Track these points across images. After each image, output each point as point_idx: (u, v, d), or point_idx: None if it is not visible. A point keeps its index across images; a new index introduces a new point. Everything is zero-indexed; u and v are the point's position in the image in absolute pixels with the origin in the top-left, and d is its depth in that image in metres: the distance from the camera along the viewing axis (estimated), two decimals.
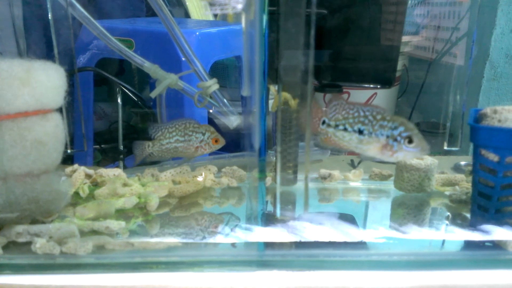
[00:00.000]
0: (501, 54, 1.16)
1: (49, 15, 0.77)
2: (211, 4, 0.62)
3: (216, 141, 0.77)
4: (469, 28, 0.84)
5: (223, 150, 0.93)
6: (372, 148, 0.65)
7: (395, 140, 0.63)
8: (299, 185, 0.84)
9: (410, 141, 0.62)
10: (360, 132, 0.65)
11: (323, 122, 0.67)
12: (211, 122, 0.90)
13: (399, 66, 1.12)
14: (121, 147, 0.93)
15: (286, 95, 0.74)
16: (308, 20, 0.63)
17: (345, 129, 0.65)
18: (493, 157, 0.68)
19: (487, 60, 1.17)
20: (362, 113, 0.65)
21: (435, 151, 0.86)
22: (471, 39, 0.84)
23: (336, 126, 0.66)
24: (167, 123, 0.78)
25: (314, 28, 0.63)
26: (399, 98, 1.18)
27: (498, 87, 1.17)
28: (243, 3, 0.63)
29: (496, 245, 0.68)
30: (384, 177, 0.89)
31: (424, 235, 0.72)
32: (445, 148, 0.86)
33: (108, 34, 0.82)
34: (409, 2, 0.73)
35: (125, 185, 0.79)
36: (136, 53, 0.86)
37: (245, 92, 0.86)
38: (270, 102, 0.79)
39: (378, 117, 0.63)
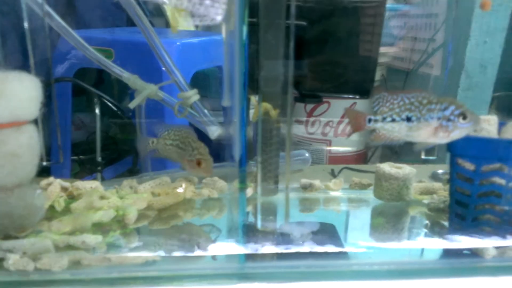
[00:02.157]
0: (476, 65, 1.19)
1: (25, 25, 0.76)
2: (191, 16, 0.62)
3: (199, 163, 0.75)
4: (445, 39, 0.86)
5: None
6: (424, 133, 0.64)
7: (449, 120, 0.63)
8: (280, 195, 0.83)
9: (464, 117, 0.63)
10: (409, 119, 0.64)
11: (369, 120, 0.67)
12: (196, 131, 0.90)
13: (378, 76, 1.14)
14: (99, 159, 0.92)
15: (266, 105, 0.74)
16: (288, 31, 0.64)
17: (393, 120, 0.65)
18: (469, 166, 0.70)
19: (462, 70, 1.20)
20: (407, 101, 0.64)
21: (413, 160, 0.87)
22: (446, 50, 0.86)
23: (384, 119, 0.65)
24: (173, 125, 0.78)
25: (293, 39, 0.64)
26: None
27: (473, 96, 1.20)
28: (223, 14, 0.63)
29: (474, 253, 0.69)
30: (363, 186, 0.90)
31: (403, 244, 0.73)
32: (423, 157, 0.87)
33: (85, 44, 0.81)
34: (386, 14, 0.75)
35: (102, 197, 0.77)
36: (116, 63, 0.85)
37: (225, 102, 0.86)
38: (251, 112, 0.79)
39: (424, 101, 0.63)
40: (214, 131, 0.88)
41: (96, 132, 0.91)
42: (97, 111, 0.94)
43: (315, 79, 0.81)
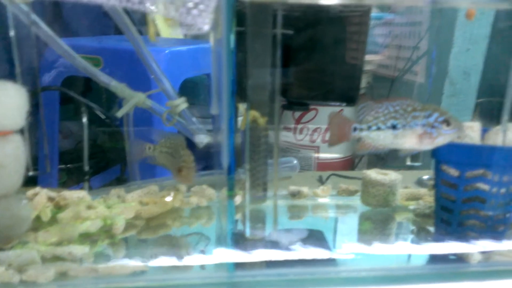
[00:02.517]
0: (459, 72, 1.22)
1: (11, 33, 0.75)
2: (179, 25, 0.63)
3: (179, 170, 0.75)
4: (428, 47, 0.88)
5: None
6: (409, 140, 0.65)
7: (433, 127, 0.64)
8: (269, 202, 0.84)
9: (448, 124, 0.64)
10: (394, 127, 0.65)
11: (354, 129, 0.67)
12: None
13: (364, 83, 1.15)
14: (86, 168, 0.91)
15: (254, 113, 0.75)
16: (275, 40, 0.65)
17: (379, 128, 0.66)
18: (453, 172, 0.71)
19: (446, 77, 1.22)
20: (392, 109, 0.65)
21: (399, 166, 0.88)
22: (430, 57, 0.88)
23: (369, 128, 0.66)
24: (170, 133, 0.77)
25: (280, 47, 0.64)
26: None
27: (457, 103, 1.22)
28: (210, 24, 0.63)
29: (459, 258, 0.70)
30: (351, 193, 0.91)
31: (390, 250, 0.73)
32: (408, 163, 0.89)
33: (72, 53, 0.81)
34: (371, 22, 0.76)
35: (89, 207, 0.77)
36: (105, 71, 0.84)
37: (214, 110, 0.86)
38: (240, 120, 0.79)
39: (409, 109, 0.64)
40: (203, 139, 0.88)
41: (83, 141, 0.90)
42: (84, 119, 0.94)
43: (302, 87, 0.81)
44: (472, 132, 0.74)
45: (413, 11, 0.92)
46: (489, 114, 0.84)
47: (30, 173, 0.75)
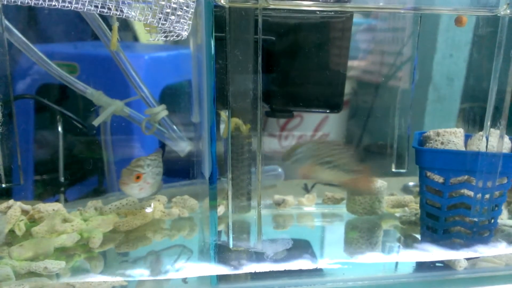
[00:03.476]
0: (443, 77, 1.23)
1: None
2: (157, 31, 0.61)
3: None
4: (411, 53, 0.88)
5: (174, 177, 0.89)
6: None
7: None
8: (253, 212, 0.82)
9: None
10: None
11: None
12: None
13: (348, 89, 1.15)
14: (62, 179, 0.88)
15: (237, 120, 0.73)
16: (256, 46, 0.63)
17: None
18: (438, 178, 0.70)
19: (430, 83, 1.23)
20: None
21: (384, 172, 0.88)
22: (413, 63, 0.88)
23: None
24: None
25: (262, 54, 0.63)
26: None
27: (442, 108, 1.23)
28: (189, 30, 0.61)
29: (446, 265, 0.69)
30: (336, 201, 0.90)
31: (377, 258, 0.72)
32: (393, 170, 0.88)
33: (46, 59, 0.78)
34: (354, 28, 0.76)
35: (65, 220, 0.74)
36: (81, 78, 0.82)
37: (195, 118, 0.84)
38: (222, 127, 0.78)
39: None
40: (185, 148, 0.86)
41: (59, 151, 0.87)
42: (60, 128, 0.90)
43: (285, 94, 0.80)
44: (455, 138, 0.73)
45: (395, 16, 0.92)
46: (472, 119, 0.84)
47: (3, 185, 0.72)
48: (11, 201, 0.78)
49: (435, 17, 1.16)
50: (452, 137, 0.73)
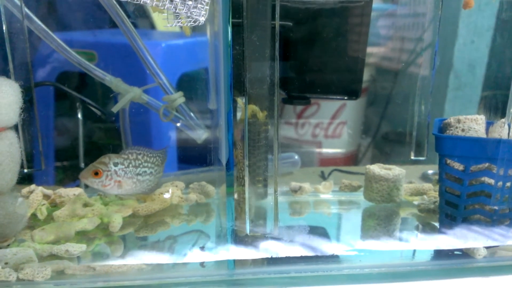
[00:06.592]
0: (464, 64, 1.19)
1: (3, 28, 0.74)
2: (175, 17, 0.61)
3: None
4: (432, 39, 0.86)
5: (192, 164, 0.90)
6: None
7: None
8: (270, 199, 0.82)
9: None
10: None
11: None
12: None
13: (367, 76, 1.13)
14: (82, 164, 0.89)
15: (253, 107, 0.73)
16: (273, 32, 0.63)
17: None
18: (458, 166, 0.69)
19: (451, 70, 1.20)
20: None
21: (403, 160, 0.87)
22: (434, 49, 0.86)
23: None
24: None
25: (279, 40, 0.63)
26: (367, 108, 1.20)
27: (462, 95, 1.20)
28: (206, 16, 0.61)
29: (465, 253, 0.68)
30: (354, 188, 0.89)
31: (395, 246, 0.72)
32: (412, 157, 0.87)
33: (66, 47, 0.79)
34: (374, 13, 0.74)
35: (86, 205, 0.75)
36: (99, 66, 0.83)
37: (212, 105, 0.85)
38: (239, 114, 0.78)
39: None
40: (201, 135, 0.86)
41: (79, 137, 0.89)
42: (79, 115, 0.92)
43: (302, 80, 0.79)
44: (476, 125, 0.72)
45: (416, 2, 0.90)
46: (494, 107, 0.82)
47: (25, 171, 0.74)
48: (33, 186, 0.80)
49: (457, 1, 1.13)
50: (473, 124, 0.71)
